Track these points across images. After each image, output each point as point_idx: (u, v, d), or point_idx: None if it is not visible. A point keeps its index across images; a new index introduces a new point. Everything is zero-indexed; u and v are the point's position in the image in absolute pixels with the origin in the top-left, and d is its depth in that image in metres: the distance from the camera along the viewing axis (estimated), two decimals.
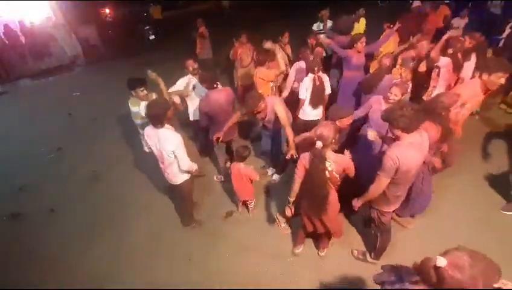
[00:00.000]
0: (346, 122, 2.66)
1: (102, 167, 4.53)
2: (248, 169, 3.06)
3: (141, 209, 3.67)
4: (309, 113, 3.69)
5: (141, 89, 3.11)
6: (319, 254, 2.84)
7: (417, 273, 1.24)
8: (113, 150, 4.91)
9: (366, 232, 2.94)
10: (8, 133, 5.94)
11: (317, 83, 3.52)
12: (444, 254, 1.12)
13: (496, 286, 1.06)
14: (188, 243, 3.17)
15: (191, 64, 3.64)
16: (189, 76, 3.70)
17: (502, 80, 2.58)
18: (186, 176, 2.91)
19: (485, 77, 2.65)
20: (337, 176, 2.15)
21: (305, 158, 2.18)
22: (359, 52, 4.08)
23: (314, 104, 3.60)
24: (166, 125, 2.61)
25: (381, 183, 2.06)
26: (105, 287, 2.82)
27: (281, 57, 4.50)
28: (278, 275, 2.76)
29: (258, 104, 2.92)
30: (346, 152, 2.30)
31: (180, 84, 3.70)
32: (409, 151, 1.93)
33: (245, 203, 3.38)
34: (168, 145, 2.58)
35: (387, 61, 3.54)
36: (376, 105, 2.89)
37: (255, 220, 3.35)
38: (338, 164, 2.13)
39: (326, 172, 2.10)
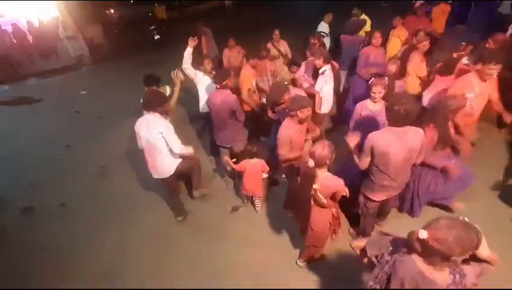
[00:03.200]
0: (307, 112, 2.59)
1: (110, 164, 4.64)
2: (260, 162, 3.14)
3: (148, 205, 3.76)
4: (329, 103, 3.75)
5: (153, 87, 3.20)
6: (297, 263, 2.81)
7: (405, 245, 1.43)
8: (121, 147, 4.99)
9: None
10: (18, 130, 6.06)
11: (335, 70, 3.67)
12: (426, 226, 1.31)
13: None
14: (195, 237, 3.25)
15: (208, 62, 3.72)
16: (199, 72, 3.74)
17: (494, 71, 2.61)
18: (177, 161, 2.96)
19: (478, 66, 2.69)
20: (322, 197, 2.07)
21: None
22: (376, 46, 4.07)
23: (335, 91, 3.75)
24: (157, 114, 2.70)
25: (362, 161, 2.31)
26: (116, 280, 2.91)
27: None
28: (283, 267, 2.83)
29: (283, 95, 2.98)
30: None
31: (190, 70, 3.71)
32: (386, 135, 2.12)
33: (252, 200, 3.44)
34: (157, 128, 2.65)
35: (393, 68, 3.45)
36: (364, 110, 2.91)
37: (260, 215, 3.43)
38: (326, 186, 2.05)
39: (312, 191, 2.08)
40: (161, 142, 2.74)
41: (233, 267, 2.91)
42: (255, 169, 3.14)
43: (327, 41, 5.66)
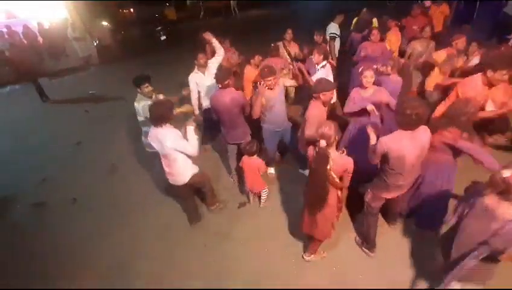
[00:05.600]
0: (329, 95, 2.79)
1: (119, 161, 4.76)
2: (257, 161, 3.24)
3: (157, 200, 3.85)
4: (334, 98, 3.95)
5: (145, 85, 3.25)
6: (303, 257, 2.87)
7: (488, 187, 1.68)
8: (130, 144, 5.12)
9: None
10: (29, 129, 6.23)
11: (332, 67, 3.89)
12: (506, 166, 1.60)
13: None
14: (203, 232, 3.34)
15: (202, 57, 3.84)
16: (194, 73, 3.89)
17: (505, 77, 2.60)
18: (194, 171, 3.00)
19: (490, 74, 2.65)
20: (335, 176, 2.16)
21: (310, 151, 2.25)
22: (374, 42, 4.36)
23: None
24: (166, 124, 2.70)
25: (373, 161, 2.35)
26: (126, 274, 3.00)
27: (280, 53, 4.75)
28: (290, 261, 2.90)
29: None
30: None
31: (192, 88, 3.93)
32: (399, 138, 2.14)
33: (258, 195, 3.53)
34: (167, 142, 2.67)
35: (390, 63, 3.52)
36: (357, 96, 3.12)
37: (267, 210, 3.50)
38: (338, 164, 2.13)
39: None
40: (175, 153, 2.78)
41: (241, 261, 2.98)
42: (252, 166, 3.24)
43: (337, 42, 5.68)
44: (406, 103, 2.09)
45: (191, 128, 2.79)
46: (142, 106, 3.24)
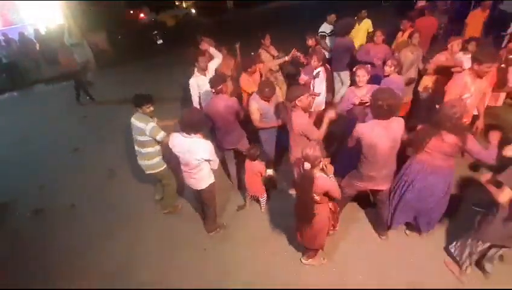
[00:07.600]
0: (305, 100, 2.65)
1: (118, 166, 4.74)
2: (259, 165, 3.24)
3: (156, 205, 3.83)
4: (321, 103, 3.95)
5: (148, 106, 3.11)
6: (301, 260, 2.84)
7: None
8: (128, 149, 5.10)
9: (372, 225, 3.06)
10: (28, 136, 6.22)
11: (328, 72, 3.91)
12: None
13: None
14: (203, 235, 3.32)
15: (202, 60, 3.74)
16: (194, 76, 3.85)
17: (491, 69, 2.84)
18: (211, 180, 2.95)
19: (476, 67, 2.84)
20: (316, 196, 2.16)
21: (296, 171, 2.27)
22: (377, 44, 4.36)
23: (327, 92, 3.97)
24: (197, 134, 2.66)
25: (349, 144, 2.52)
26: (125, 279, 2.98)
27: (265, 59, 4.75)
28: (288, 264, 2.88)
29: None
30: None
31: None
32: (373, 127, 2.27)
33: (257, 199, 3.52)
34: (202, 154, 2.63)
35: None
36: (351, 95, 3.14)
37: (265, 213, 3.49)
38: (318, 186, 2.11)
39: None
40: (204, 163, 2.75)
41: (240, 264, 2.96)
42: (253, 170, 3.24)
43: (329, 41, 5.65)
44: (378, 95, 2.22)
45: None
46: (151, 127, 3.08)
